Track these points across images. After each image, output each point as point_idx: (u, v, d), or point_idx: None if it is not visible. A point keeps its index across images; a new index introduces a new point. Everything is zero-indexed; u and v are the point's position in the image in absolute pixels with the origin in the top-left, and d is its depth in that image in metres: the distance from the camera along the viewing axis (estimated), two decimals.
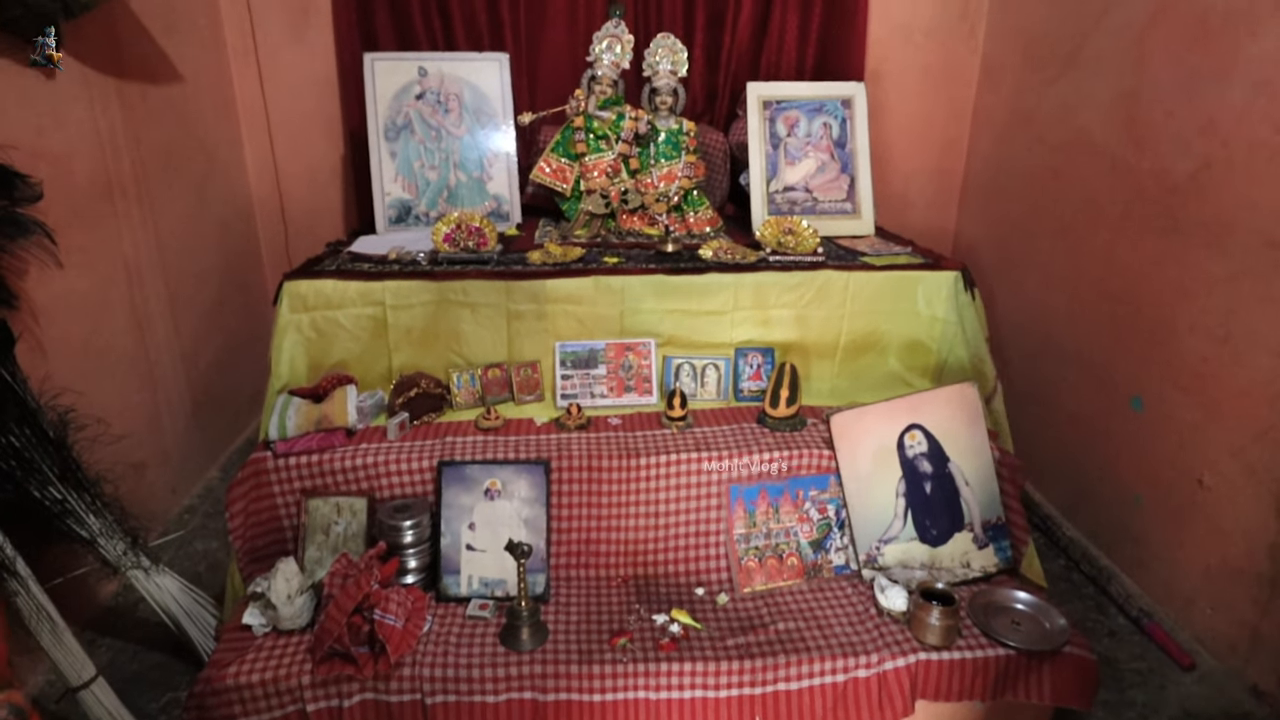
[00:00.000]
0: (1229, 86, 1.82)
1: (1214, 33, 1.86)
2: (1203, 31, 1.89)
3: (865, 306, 2.09)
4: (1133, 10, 2.11)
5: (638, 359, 2.07)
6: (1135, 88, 2.11)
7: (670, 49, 2.44)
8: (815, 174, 2.49)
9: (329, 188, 2.97)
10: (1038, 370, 2.55)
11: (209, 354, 2.61)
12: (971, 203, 3.09)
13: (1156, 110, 2.04)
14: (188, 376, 2.48)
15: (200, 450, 2.58)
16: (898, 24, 2.92)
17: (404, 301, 2.00)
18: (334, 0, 2.73)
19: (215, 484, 2.60)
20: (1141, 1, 2.08)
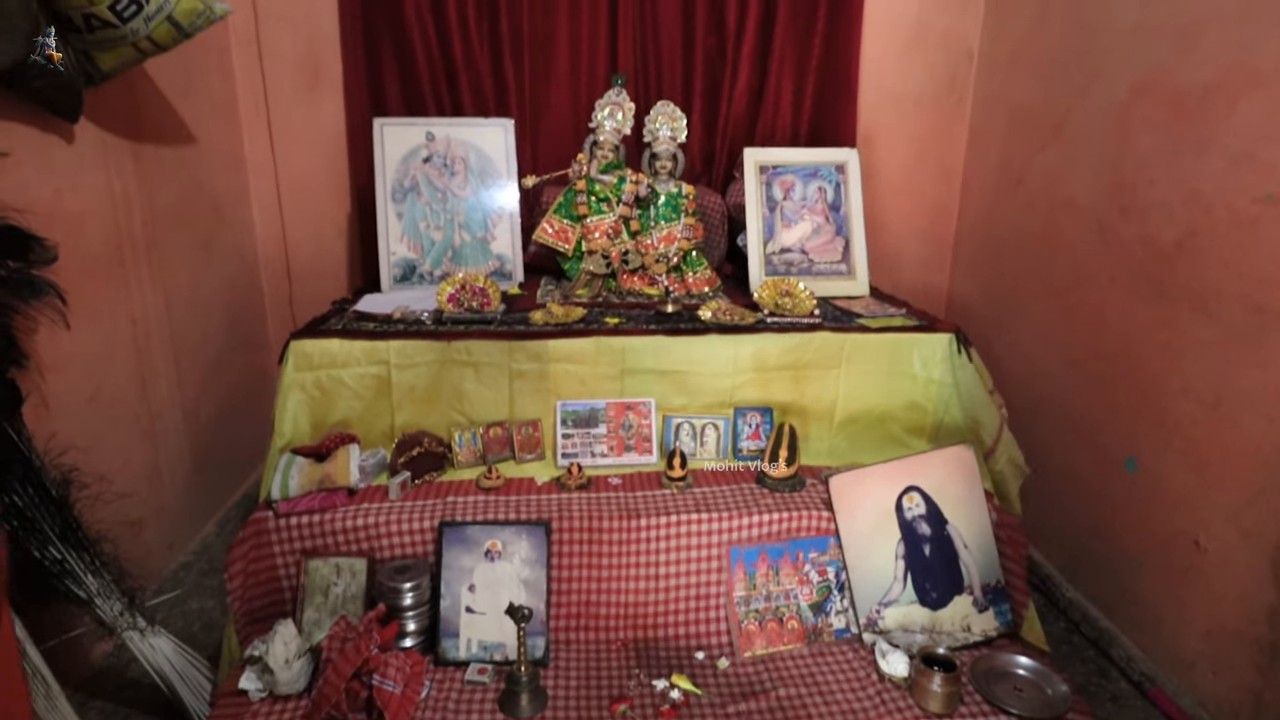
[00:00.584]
0: (1209, 158, 1.89)
1: (1192, 108, 1.94)
2: (1181, 107, 1.97)
3: (861, 368, 2.13)
4: (1114, 86, 2.20)
5: (638, 418, 2.09)
6: (1119, 158, 2.19)
7: (670, 116, 2.53)
8: (811, 236, 2.55)
9: (334, 245, 3.03)
10: (1033, 429, 2.57)
11: (210, 409, 2.62)
12: (964, 263, 3.15)
13: (1140, 180, 2.11)
14: (188, 432, 2.49)
15: (198, 506, 2.57)
16: (888, 93, 3.03)
17: (408, 360, 2.02)
18: (345, 66, 2.82)
19: (212, 540, 2.59)
20: (1122, 78, 2.17)
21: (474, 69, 2.81)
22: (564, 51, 2.86)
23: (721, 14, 2.87)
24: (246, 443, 2.86)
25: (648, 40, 2.89)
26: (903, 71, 3.02)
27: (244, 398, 2.84)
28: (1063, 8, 2.46)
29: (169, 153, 2.42)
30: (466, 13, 2.76)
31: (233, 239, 2.83)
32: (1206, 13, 1.89)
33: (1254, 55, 1.76)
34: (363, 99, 2.81)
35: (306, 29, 2.82)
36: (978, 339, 2.81)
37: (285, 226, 3.00)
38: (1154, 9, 2.06)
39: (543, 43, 2.85)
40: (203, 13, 1.92)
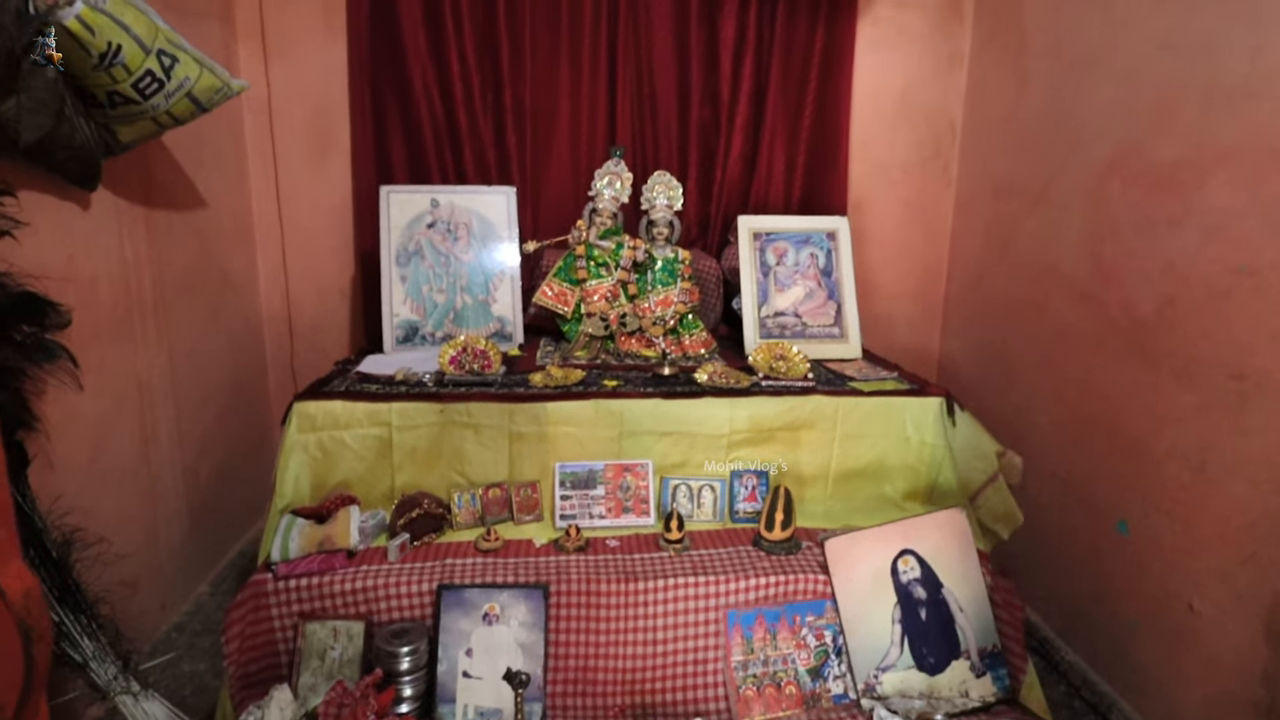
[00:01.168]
0: (1183, 231, 1.97)
1: (1165, 183, 2.03)
2: (1155, 181, 2.07)
3: (855, 430, 2.16)
4: (1090, 160, 2.31)
5: (636, 480, 2.12)
6: (1098, 228, 2.28)
7: (666, 185, 2.62)
8: (804, 300, 2.62)
9: (337, 307, 3.09)
10: (1028, 490, 2.59)
11: (209, 467, 2.63)
12: (954, 325, 3.23)
13: (1119, 250, 2.19)
14: (187, 490, 2.50)
15: (193, 565, 2.56)
16: (876, 162, 3.15)
17: (409, 422, 2.05)
18: (353, 135, 2.93)
19: (205, 600, 2.57)
20: (1098, 153, 2.27)
21: (478, 139, 2.92)
22: (565, 123, 2.98)
23: (715, 87, 3.00)
24: (242, 501, 2.87)
25: (645, 112, 3.01)
26: (890, 142, 3.15)
27: (242, 457, 2.85)
28: (1040, 85, 2.59)
29: (180, 218, 2.49)
30: (471, 85, 2.89)
31: (238, 300, 2.89)
32: (1175, 94, 2.00)
33: (1220, 135, 1.86)
34: (370, 167, 2.91)
35: (317, 100, 2.94)
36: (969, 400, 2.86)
37: (289, 288, 3.06)
38: (1126, 89, 2.17)
39: (544, 115, 2.97)
40: (221, 89, 2.01)
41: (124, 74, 1.75)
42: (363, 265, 2.99)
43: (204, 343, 2.62)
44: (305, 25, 2.89)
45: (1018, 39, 2.73)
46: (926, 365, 3.26)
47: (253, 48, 2.89)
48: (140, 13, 1.76)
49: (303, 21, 2.88)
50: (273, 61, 2.90)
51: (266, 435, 3.06)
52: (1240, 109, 1.81)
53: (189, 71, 1.89)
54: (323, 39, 2.89)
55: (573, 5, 2.90)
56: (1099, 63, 2.28)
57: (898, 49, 3.08)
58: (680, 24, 2.95)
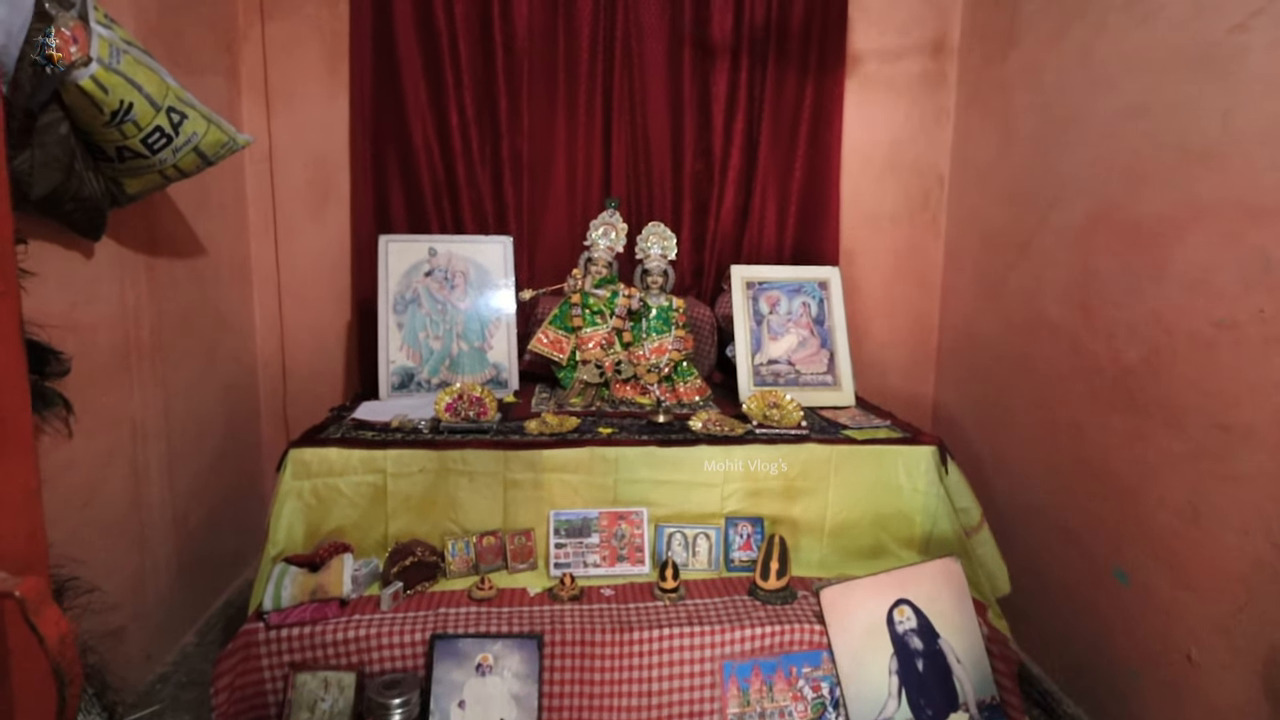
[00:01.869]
0: (1166, 283, 2.03)
1: (1146, 237, 2.10)
2: (1136, 235, 2.14)
3: (849, 478, 2.19)
4: (1071, 213, 2.39)
5: (630, 528, 2.13)
6: (1083, 279, 2.34)
7: (661, 236, 2.70)
8: (797, 348, 2.68)
9: (333, 353, 3.13)
10: (1025, 540, 2.62)
11: (199, 514, 2.63)
12: (947, 372, 3.28)
13: (1105, 301, 2.25)
14: (176, 537, 2.49)
15: (180, 614, 2.54)
16: (867, 213, 3.25)
17: (405, 469, 2.08)
18: (353, 185, 3.00)
19: (191, 651, 2.54)
20: (1080, 205, 2.36)
21: (476, 189, 3.00)
22: (561, 174, 3.07)
23: (708, 141, 3.10)
24: (231, 549, 2.86)
25: (639, 165, 3.10)
26: (879, 193, 3.24)
27: (232, 503, 2.86)
28: (1023, 141, 2.70)
29: (180, 264, 2.54)
30: (470, 137, 2.98)
31: (234, 346, 2.92)
32: (1151, 152, 2.08)
33: (1196, 192, 1.94)
34: (369, 217, 2.98)
35: (318, 151, 3.02)
36: (963, 447, 2.91)
37: (285, 334, 3.11)
38: (1105, 147, 2.26)
39: (541, 166, 3.06)
40: (226, 144, 2.08)
41: (134, 130, 1.81)
42: (359, 312, 3.04)
43: (198, 389, 2.65)
44: (308, 78, 2.99)
45: (1002, 97, 2.85)
46: (921, 412, 3.30)
47: (256, 100, 2.98)
48: (152, 72, 1.83)
49: (306, 75, 2.99)
50: (275, 114, 2.99)
51: (257, 481, 3.07)
52: (1214, 167, 1.89)
53: (197, 127, 1.96)
54: (325, 92, 2.99)
55: (569, 60, 3.01)
56: (1080, 120, 2.38)
57: (885, 105, 3.19)
58: (674, 79, 3.07)
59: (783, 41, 3.05)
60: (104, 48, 1.69)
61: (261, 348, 3.11)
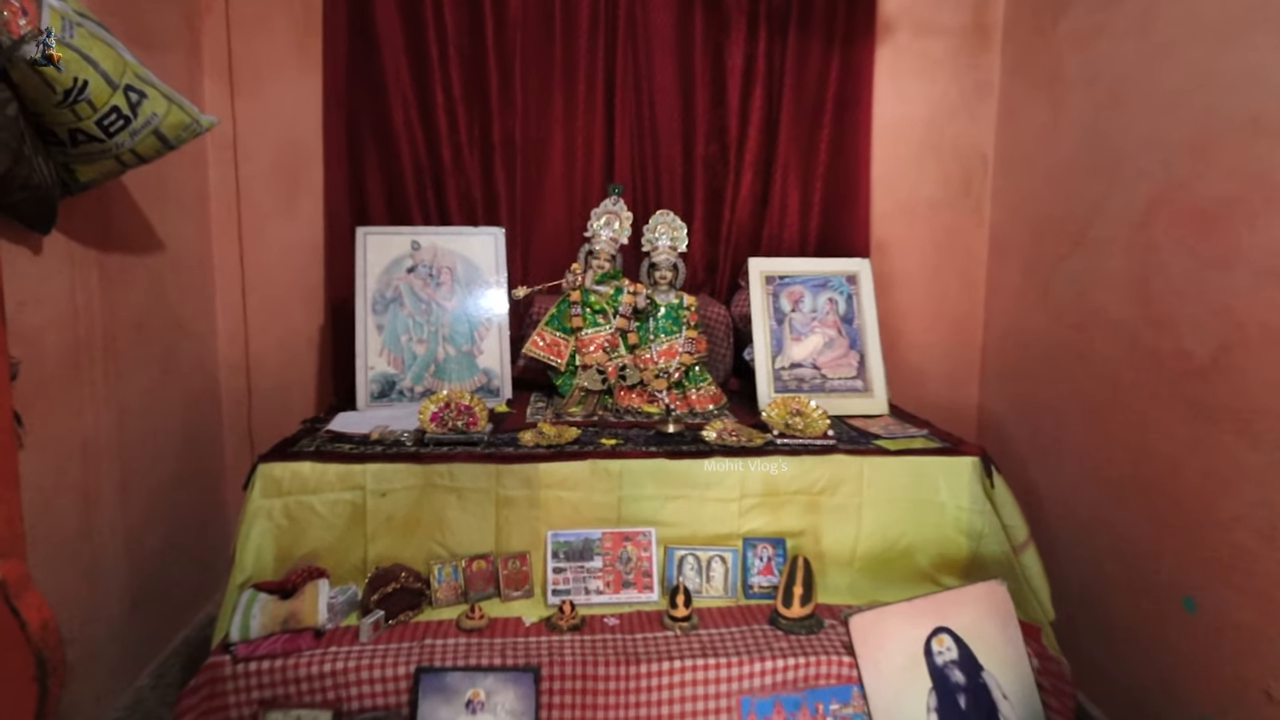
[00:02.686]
0: (1235, 273, 2.06)
1: (1213, 222, 2.14)
2: (1202, 220, 2.17)
3: (882, 494, 2.22)
4: (1130, 197, 2.43)
5: (637, 550, 2.17)
6: (1145, 270, 2.37)
7: (670, 225, 2.75)
8: (823, 350, 2.71)
9: (304, 360, 3.19)
10: (1080, 563, 2.64)
11: (155, 539, 2.68)
12: (993, 378, 3.32)
13: (1168, 292, 2.28)
14: (130, 565, 2.54)
15: (134, 652, 2.58)
16: (901, 199, 3.29)
17: (386, 486, 2.12)
18: (327, 172, 3.07)
19: (146, 694, 2.58)
20: (1139, 188, 2.39)
21: (463, 176, 3.07)
22: (558, 158, 3.13)
23: (723, 121, 3.16)
24: (193, 578, 2.90)
25: (645, 147, 3.16)
26: (915, 178, 3.29)
27: (194, 527, 2.91)
28: (1074, 118, 2.74)
29: (136, 262, 2.60)
30: (457, 118, 3.04)
31: (194, 352, 2.98)
32: (1220, 127, 2.12)
33: (1271, 170, 1.97)
34: (344, 207, 3.05)
35: (287, 134, 3.09)
36: (1012, 461, 2.93)
37: (250, 339, 3.16)
38: (1166, 121, 2.30)
39: (536, 149, 3.12)
40: (189, 126, 2.14)
41: (89, 111, 1.87)
42: (334, 314, 3.09)
43: (155, 400, 2.70)
44: (276, 56, 3.06)
45: (1050, 67, 2.89)
46: (964, 422, 3.34)
47: (219, 80, 3.05)
48: (109, 47, 1.90)
49: (274, 52, 3.06)
50: (241, 95, 3.06)
51: (219, 503, 3.12)
52: None
53: (157, 108, 2.02)
54: (295, 70, 3.06)
55: (567, 33, 3.08)
56: (1137, 92, 2.42)
57: (921, 78, 3.25)
58: (683, 52, 3.13)
59: (805, 7, 3.11)
60: (56, 20, 1.76)
61: (225, 354, 3.17)
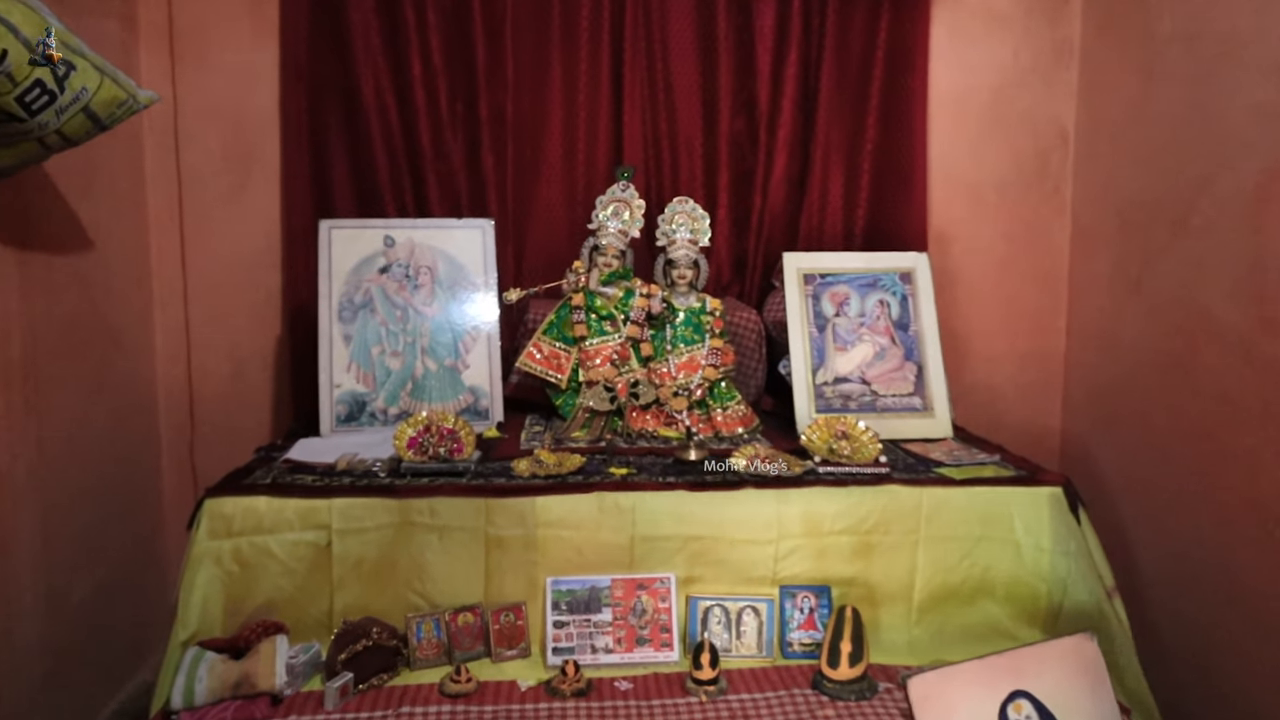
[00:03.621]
0: None
1: None
2: None
3: (946, 532, 2.22)
4: (1240, 177, 2.42)
5: (654, 600, 2.16)
6: (1259, 262, 2.36)
7: (689, 215, 2.76)
8: (873, 362, 2.72)
9: (257, 378, 3.21)
10: (1185, 615, 2.61)
11: (82, 589, 2.69)
12: (1078, 395, 3.30)
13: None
14: (52, 622, 2.54)
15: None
16: (964, 182, 3.30)
17: (355, 525, 2.13)
18: (284, 156, 3.10)
19: None
20: (1251, 166, 2.38)
21: (445, 159, 3.09)
22: (557, 137, 3.16)
23: (751, 91, 3.18)
24: (126, 636, 2.91)
25: (660, 123, 3.19)
26: (981, 157, 3.30)
27: (127, 576, 2.92)
28: (1173, 81, 2.73)
29: (61, 263, 2.63)
30: (437, 92, 3.07)
31: (128, 369, 3.00)
32: None
33: None
34: (306, 197, 3.07)
35: (237, 113, 3.13)
36: (1101, 493, 2.91)
37: (194, 352, 3.19)
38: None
39: (531, 127, 3.15)
40: (125, 102, 2.18)
41: (8, 85, 1.90)
42: (293, 323, 3.11)
43: (82, 424, 2.72)
44: (225, 20, 3.10)
45: (1142, 23, 2.89)
46: (1045, 447, 3.32)
47: (158, 49, 3.08)
48: (30, 10, 1.92)
49: (222, 16, 3.09)
50: (182, 66, 3.09)
51: (158, 546, 3.14)
52: None
53: (87, 81, 2.05)
54: (247, 37, 3.10)
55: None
56: (1249, 52, 2.41)
57: (986, 39, 3.26)
58: (704, 11, 3.15)
59: None
60: None
61: (164, 371, 3.19)
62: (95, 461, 2.79)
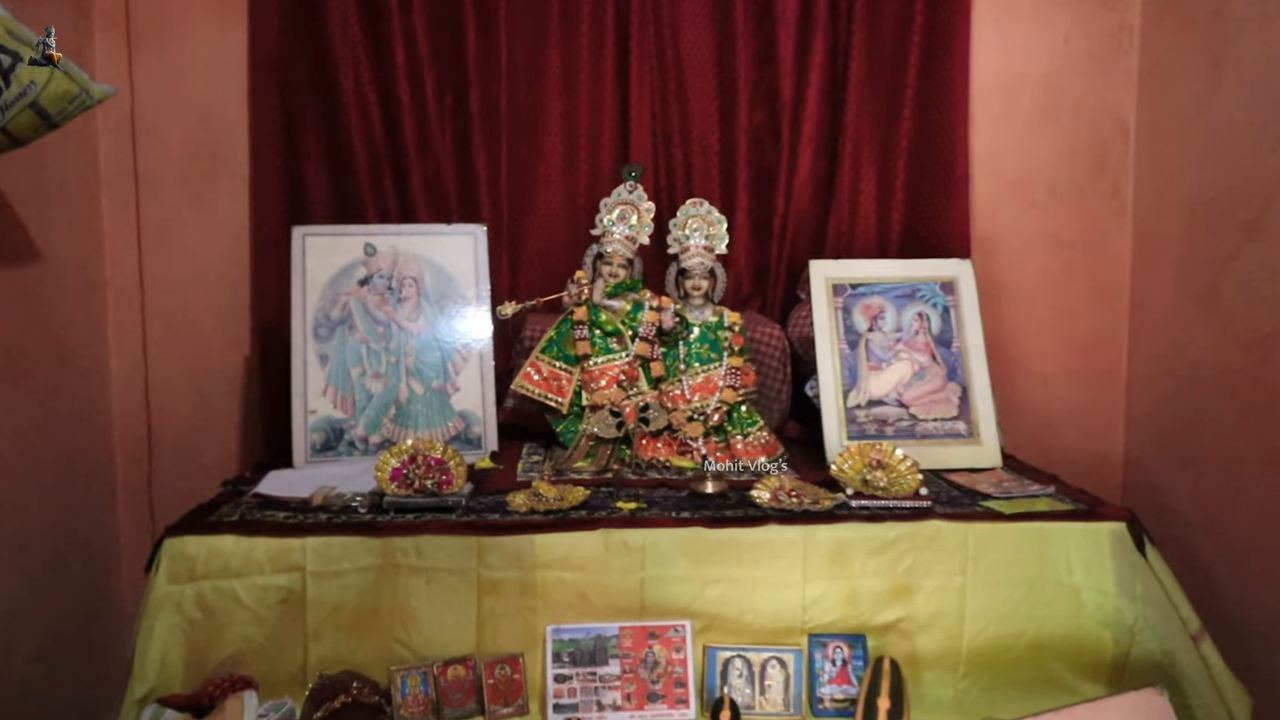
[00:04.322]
0: None
1: None
2: None
3: (996, 574, 2.21)
4: None
5: (667, 651, 2.15)
6: None
7: (704, 219, 2.77)
8: (911, 382, 2.72)
9: (224, 403, 3.22)
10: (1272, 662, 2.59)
11: (26, 646, 2.68)
12: (1143, 419, 3.29)
13: None
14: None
15: None
16: (1011, 181, 3.31)
17: (332, 566, 2.13)
18: (254, 156, 3.11)
19: None
20: None
21: (432, 158, 3.11)
22: (557, 133, 3.18)
23: (773, 81, 3.20)
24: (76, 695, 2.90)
25: (671, 118, 3.20)
26: (1030, 152, 3.31)
27: (77, 626, 2.91)
28: (1244, 68, 2.74)
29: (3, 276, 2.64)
30: (423, 83, 3.09)
31: (80, 394, 3.00)
32: None
33: None
34: (277, 201, 3.09)
35: (202, 109, 3.15)
36: (1170, 529, 2.88)
37: (153, 375, 3.19)
38: None
39: (528, 121, 3.17)
40: (77, 97, 2.20)
41: None
42: (263, 341, 3.12)
43: (28, 454, 2.72)
44: (188, 7, 3.11)
45: (1208, 2, 2.90)
46: (1105, 477, 3.31)
47: (114, 38, 3.10)
48: None
49: (184, 2, 3.11)
50: (141, 57, 3.11)
51: (112, 592, 3.13)
52: None
53: (35, 75, 2.07)
54: (213, 25, 3.12)
55: None
56: None
57: (1035, 21, 3.27)
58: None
59: None
60: None
61: (120, 396, 3.20)
62: (41, 498, 2.79)
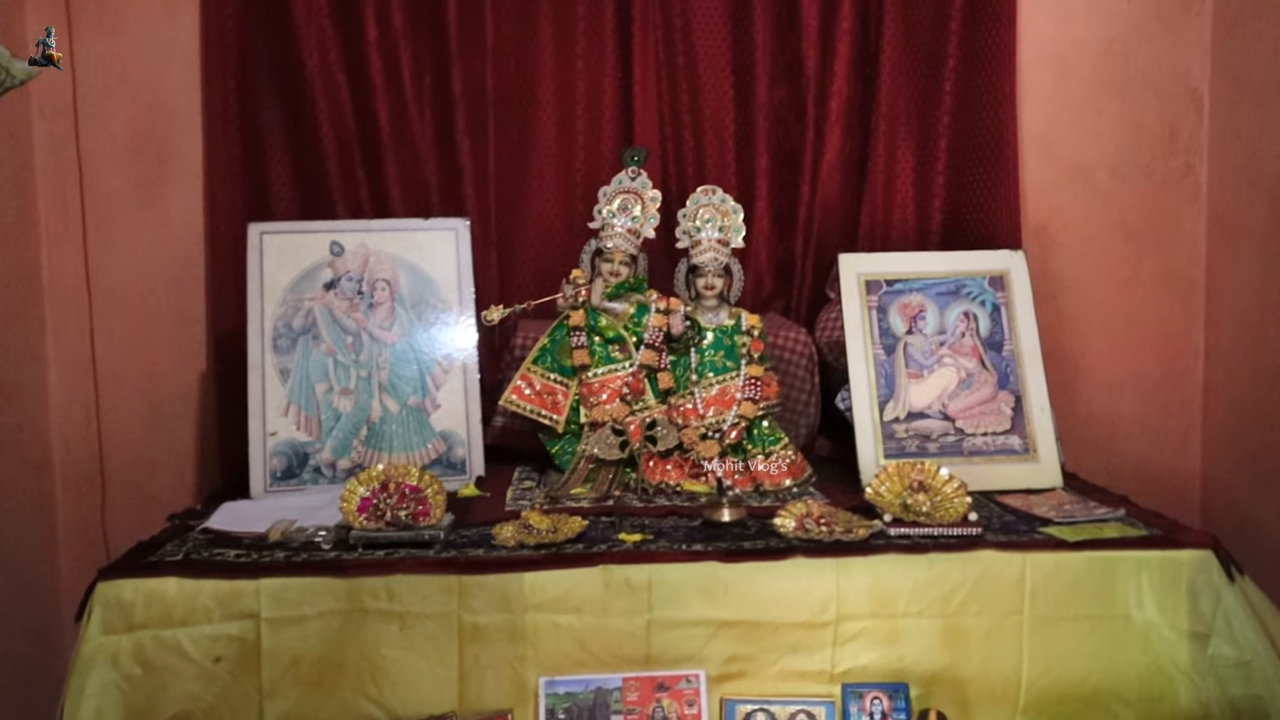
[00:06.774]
0: None
1: None
2: None
3: (1056, 610, 2.15)
4: None
5: (678, 705, 2.10)
6: None
7: (717, 209, 2.72)
8: (957, 392, 2.66)
9: (176, 426, 3.19)
10: None
11: None
12: (1222, 430, 3.24)
13: None
14: None
15: None
16: (1069, 162, 3.26)
17: (290, 612, 2.07)
18: (208, 146, 3.09)
19: None
20: None
21: (409, 145, 3.08)
22: (550, 117, 3.14)
23: (795, 52, 3.16)
24: None
25: (680, 94, 3.17)
26: (1089, 129, 3.26)
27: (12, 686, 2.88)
28: None
29: None
30: (399, 62, 3.07)
31: (15, 418, 2.97)
32: None
33: None
34: (234, 195, 3.06)
35: (150, 93, 3.13)
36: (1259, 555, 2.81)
37: (100, 395, 3.16)
38: None
39: (517, 102, 3.14)
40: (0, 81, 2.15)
41: None
42: (219, 353, 3.09)
43: None
44: None
45: None
46: (1182, 498, 3.27)
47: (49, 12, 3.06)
48: None
49: None
50: (81, 33, 3.09)
51: (54, 645, 3.09)
52: None
53: None
54: None
55: None
56: None
57: None
58: None
59: None
60: None
61: (60, 418, 3.17)
62: None
